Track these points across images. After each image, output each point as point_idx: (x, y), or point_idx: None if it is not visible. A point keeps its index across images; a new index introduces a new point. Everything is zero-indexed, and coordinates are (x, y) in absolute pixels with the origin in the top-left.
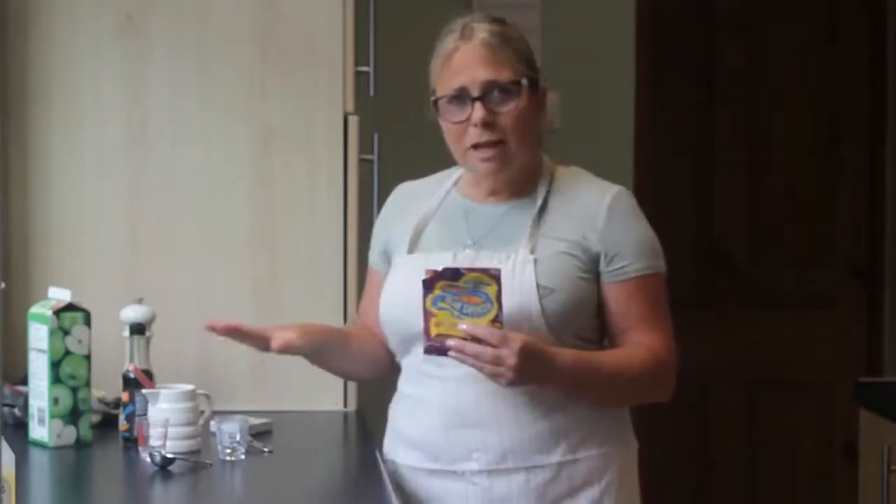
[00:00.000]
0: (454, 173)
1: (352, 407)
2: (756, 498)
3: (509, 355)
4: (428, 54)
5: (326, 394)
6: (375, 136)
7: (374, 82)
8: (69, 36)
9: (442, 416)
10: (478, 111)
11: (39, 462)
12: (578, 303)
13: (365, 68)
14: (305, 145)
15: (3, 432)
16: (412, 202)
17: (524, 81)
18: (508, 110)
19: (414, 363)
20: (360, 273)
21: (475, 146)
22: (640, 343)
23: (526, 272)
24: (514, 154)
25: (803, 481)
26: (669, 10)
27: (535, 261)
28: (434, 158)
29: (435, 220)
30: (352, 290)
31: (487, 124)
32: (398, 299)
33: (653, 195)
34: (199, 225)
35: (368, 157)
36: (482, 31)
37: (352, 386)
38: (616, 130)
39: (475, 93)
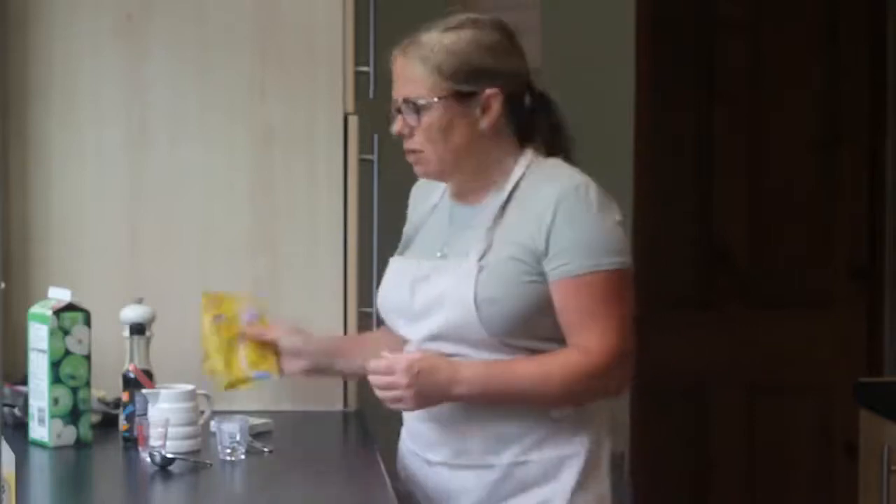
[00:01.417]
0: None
1: (352, 407)
2: (756, 498)
3: (400, 378)
4: None
5: (326, 394)
6: (375, 136)
7: (374, 82)
8: (69, 35)
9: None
10: (396, 123)
11: (39, 462)
12: (524, 308)
13: (365, 68)
14: (305, 145)
15: (2, 432)
16: (421, 199)
17: (432, 99)
18: (417, 125)
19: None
20: (360, 273)
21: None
22: (575, 344)
23: (465, 284)
24: (437, 162)
25: (803, 481)
26: (669, 10)
27: (481, 269)
28: None
29: (429, 221)
30: (352, 291)
31: (404, 135)
32: (381, 299)
33: (653, 195)
34: (199, 225)
35: (368, 157)
36: (410, 45)
37: (352, 386)
38: (616, 130)
39: (396, 106)
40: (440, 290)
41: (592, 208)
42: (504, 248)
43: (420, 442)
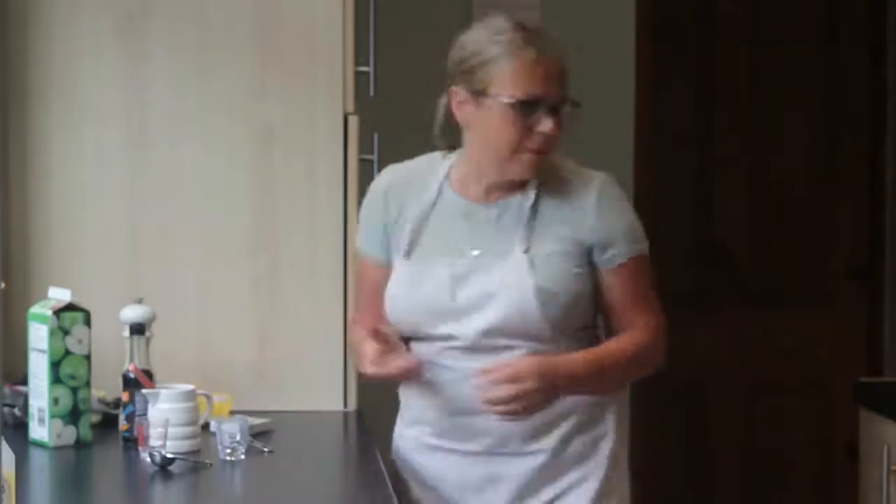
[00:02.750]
0: (441, 162)
1: (352, 407)
2: (756, 498)
3: (532, 384)
4: (428, 54)
5: (326, 394)
6: (375, 136)
7: (374, 82)
8: (69, 35)
9: (449, 402)
10: (554, 122)
11: (39, 462)
12: (578, 300)
13: (365, 68)
14: (305, 145)
15: (2, 432)
16: (407, 192)
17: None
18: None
19: (429, 352)
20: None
21: (534, 152)
22: (636, 323)
23: (522, 278)
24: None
25: (803, 481)
26: (669, 10)
27: (531, 263)
28: None
29: (433, 219)
30: (352, 290)
31: (549, 135)
32: (404, 302)
33: (653, 195)
34: (199, 225)
35: (368, 157)
36: (554, 45)
37: (352, 386)
38: (616, 130)
39: (553, 105)
40: (490, 285)
41: (624, 198)
42: (549, 243)
43: (452, 435)
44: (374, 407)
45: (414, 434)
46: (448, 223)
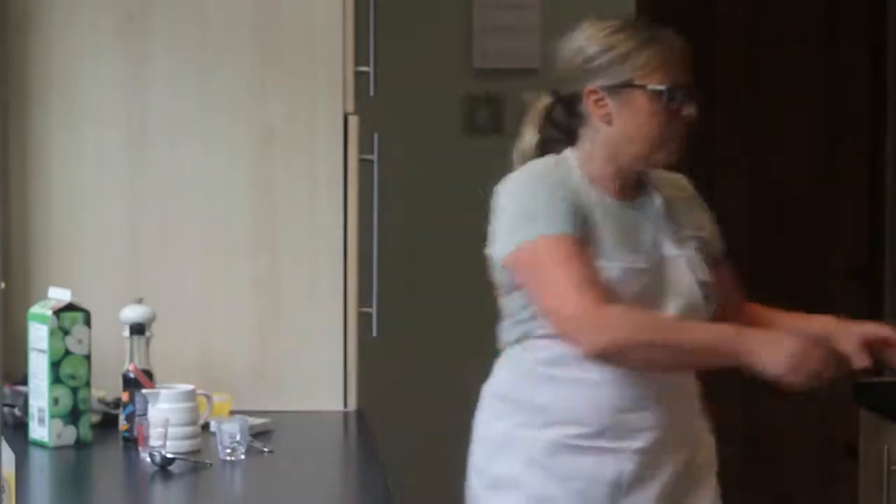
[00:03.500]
0: (563, 164)
1: (352, 407)
2: (756, 498)
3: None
4: (428, 54)
5: (326, 394)
6: (375, 136)
7: (374, 82)
8: (69, 36)
9: (616, 400)
10: (697, 109)
11: (39, 462)
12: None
13: (365, 68)
14: (305, 145)
15: (2, 432)
16: (578, 196)
17: None
18: None
19: None
20: (360, 273)
21: (680, 138)
22: (741, 302)
23: (686, 272)
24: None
25: (803, 481)
26: (669, 10)
27: (689, 259)
28: (434, 158)
29: (603, 222)
30: (352, 291)
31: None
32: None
33: None
34: (199, 225)
35: (368, 157)
36: (676, 35)
37: (352, 386)
38: None
39: (691, 91)
40: (664, 284)
41: None
42: (688, 239)
43: (613, 434)
44: (374, 407)
45: (556, 434)
46: (618, 224)
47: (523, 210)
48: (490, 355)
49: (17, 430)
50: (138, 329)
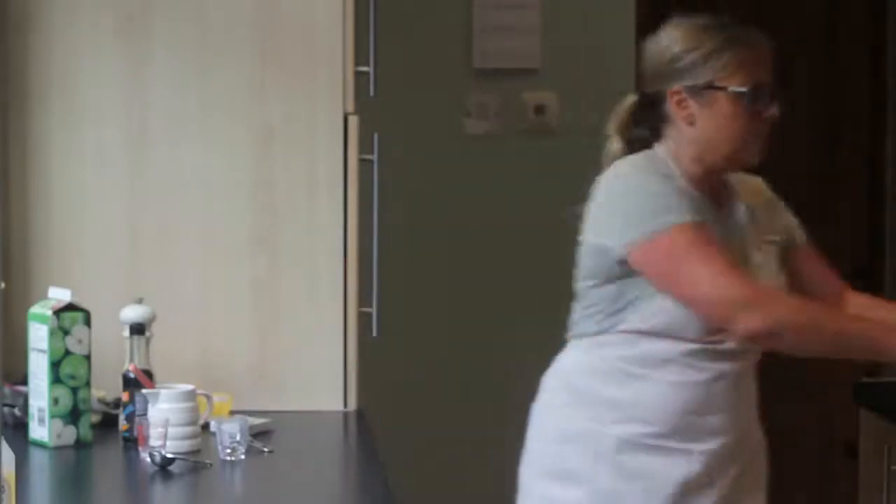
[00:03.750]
0: (658, 160)
1: (352, 407)
2: None
3: None
4: (428, 54)
5: (326, 394)
6: (375, 136)
7: (374, 82)
8: (69, 36)
9: (692, 402)
10: (780, 109)
11: (39, 462)
12: None
13: (365, 68)
14: (305, 145)
15: (2, 432)
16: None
17: None
18: None
19: (675, 352)
20: (360, 273)
21: (763, 138)
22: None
23: (775, 277)
24: None
25: (803, 481)
26: (669, 9)
27: (769, 267)
28: (434, 158)
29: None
30: (352, 290)
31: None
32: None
33: None
34: (199, 225)
35: (368, 157)
36: (758, 34)
37: (352, 386)
38: None
39: (772, 91)
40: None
41: None
42: (771, 245)
43: (685, 435)
44: (374, 407)
45: (627, 431)
46: (719, 224)
47: (642, 202)
48: (490, 355)
49: (17, 430)
50: (138, 329)
